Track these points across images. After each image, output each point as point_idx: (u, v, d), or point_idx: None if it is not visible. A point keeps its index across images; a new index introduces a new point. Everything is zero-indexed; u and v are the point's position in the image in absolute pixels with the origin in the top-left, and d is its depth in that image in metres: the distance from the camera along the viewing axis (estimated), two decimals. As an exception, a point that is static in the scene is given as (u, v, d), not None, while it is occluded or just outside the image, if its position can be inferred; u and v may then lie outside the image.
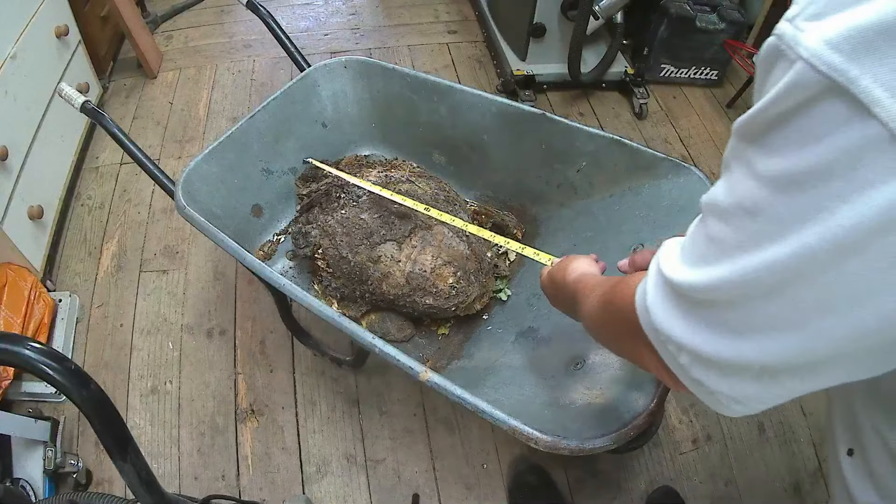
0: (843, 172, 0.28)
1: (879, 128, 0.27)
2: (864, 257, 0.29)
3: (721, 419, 1.32)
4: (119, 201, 1.74)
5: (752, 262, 0.32)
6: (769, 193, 0.32)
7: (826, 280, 0.30)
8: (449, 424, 1.31)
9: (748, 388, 0.37)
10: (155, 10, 2.34)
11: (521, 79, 1.95)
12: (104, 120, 1.12)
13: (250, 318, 1.49)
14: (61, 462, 1.17)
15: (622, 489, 1.23)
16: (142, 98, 2.05)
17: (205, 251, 1.61)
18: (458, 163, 1.36)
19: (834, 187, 0.29)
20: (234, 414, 1.34)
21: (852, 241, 0.29)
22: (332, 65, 1.32)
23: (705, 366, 0.38)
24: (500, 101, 1.20)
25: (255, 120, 1.23)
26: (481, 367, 1.09)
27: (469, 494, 1.23)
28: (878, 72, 0.27)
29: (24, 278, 1.35)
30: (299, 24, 2.38)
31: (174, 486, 1.25)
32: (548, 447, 0.73)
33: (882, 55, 0.27)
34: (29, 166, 1.46)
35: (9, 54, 1.42)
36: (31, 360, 0.51)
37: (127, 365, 1.41)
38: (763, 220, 0.32)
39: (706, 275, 0.35)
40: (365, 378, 1.37)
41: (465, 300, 1.14)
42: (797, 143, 0.30)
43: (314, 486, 1.24)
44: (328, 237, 1.19)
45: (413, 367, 0.82)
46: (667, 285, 0.39)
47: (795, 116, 0.30)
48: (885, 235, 0.28)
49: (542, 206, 1.27)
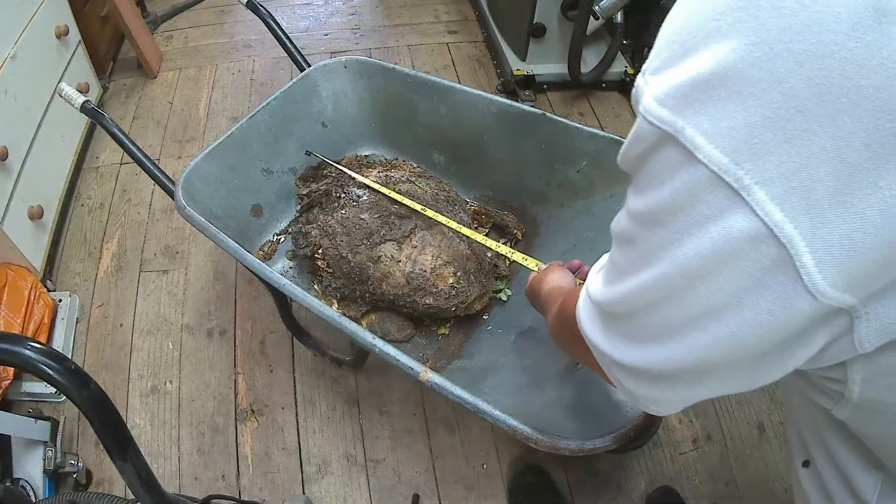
0: (684, 210, 0.32)
1: (704, 170, 0.30)
2: (710, 282, 0.32)
3: (721, 419, 1.32)
4: (119, 201, 1.74)
5: (633, 284, 0.38)
6: (636, 227, 0.37)
7: (685, 300, 0.34)
8: (449, 424, 1.31)
9: (652, 391, 0.42)
10: (155, 10, 2.34)
11: (521, 79, 1.95)
12: (104, 120, 1.12)
13: (250, 318, 1.49)
14: (61, 462, 1.17)
15: (622, 489, 1.23)
16: (142, 98, 2.05)
17: (205, 251, 1.61)
18: (459, 163, 1.36)
19: (679, 223, 0.33)
20: (234, 414, 1.34)
21: (698, 267, 0.33)
22: (332, 65, 1.32)
23: (619, 369, 0.43)
24: (500, 101, 1.20)
25: (255, 120, 1.23)
26: (481, 367, 1.09)
27: (469, 494, 1.23)
28: (697, 121, 0.31)
29: (24, 278, 1.35)
30: (299, 24, 2.38)
31: (174, 486, 1.25)
32: (548, 447, 0.73)
33: (700, 106, 0.30)
34: (29, 166, 1.46)
35: (9, 54, 1.42)
36: (31, 360, 0.51)
37: (127, 365, 1.41)
38: (636, 250, 0.37)
39: (609, 292, 0.41)
40: (365, 378, 1.37)
41: (465, 300, 1.14)
42: (649, 184, 0.35)
43: (314, 486, 1.24)
44: (328, 237, 1.19)
45: (413, 367, 0.82)
46: (588, 298, 0.46)
47: (646, 161, 0.35)
48: (725, 263, 0.31)
49: (542, 206, 1.27)
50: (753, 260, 0.30)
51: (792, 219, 0.29)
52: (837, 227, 0.29)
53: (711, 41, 0.30)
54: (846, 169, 0.28)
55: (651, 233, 0.35)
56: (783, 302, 0.31)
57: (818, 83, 0.28)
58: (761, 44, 0.29)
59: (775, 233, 0.29)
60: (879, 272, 0.30)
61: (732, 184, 0.30)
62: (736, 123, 0.30)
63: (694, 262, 0.33)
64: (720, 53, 0.30)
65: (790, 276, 0.30)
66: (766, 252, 0.30)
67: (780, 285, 0.30)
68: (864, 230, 0.28)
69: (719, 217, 0.31)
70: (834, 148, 0.28)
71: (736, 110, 0.29)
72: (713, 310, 0.33)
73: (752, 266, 0.31)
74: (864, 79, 0.27)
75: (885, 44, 0.27)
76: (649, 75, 0.34)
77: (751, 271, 0.31)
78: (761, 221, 0.29)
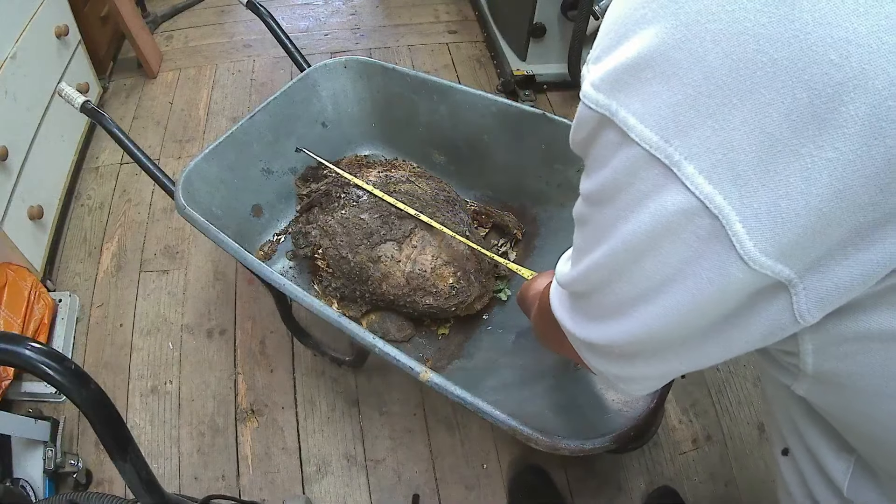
0: (625, 188, 0.34)
1: (638, 149, 0.32)
2: (654, 255, 0.34)
3: (721, 419, 1.32)
4: (119, 201, 1.74)
5: (588, 262, 0.39)
6: (588, 208, 0.39)
7: (633, 275, 0.36)
8: (449, 424, 1.31)
9: (617, 369, 0.44)
10: (155, 10, 2.34)
11: (521, 79, 1.95)
12: (104, 120, 1.12)
13: (250, 318, 1.49)
14: (61, 462, 1.17)
15: (622, 489, 1.23)
16: (142, 98, 2.05)
17: (205, 251, 1.61)
18: (458, 163, 1.36)
19: (622, 201, 0.34)
20: (234, 414, 1.34)
21: (641, 242, 0.34)
22: (332, 65, 1.32)
23: (587, 349, 0.45)
24: (500, 101, 1.20)
25: (255, 120, 1.23)
26: (481, 367, 1.09)
27: (469, 494, 1.23)
28: (628, 103, 0.32)
29: (24, 278, 1.35)
30: (299, 24, 2.38)
31: (174, 486, 1.25)
32: (548, 447, 0.73)
33: (630, 89, 0.32)
34: (29, 166, 1.46)
35: (9, 54, 1.42)
36: (31, 360, 0.51)
37: (127, 365, 1.41)
38: (589, 230, 0.39)
39: (571, 272, 0.43)
40: (365, 378, 1.37)
41: (465, 300, 1.14)
42: (595, 166, 0.36)
43: (314, 486, 1.24)
44: (328, 237, 1.19)
45: (413, 367, 0.82)
46: (556, 282, 0.48)
47: (591, 145, 0.36)
48: (664, 236, 0.33)
49: (542, 206, 1.27)
50: (690, 232, 0.32)
51: (721, 190, 0.30)
52: (764, 196, 0.30)
53: (639, 28, 0.32)
54: (767, 139, 0.29)
55: (600, 212, 0.37)
56: (720, 270, 0.32)
57: (735, 59, 0.29)
58: (680, 26, 0.30)
59: (706, 204, 0.30)
60: (810, 241, 0.30)
61: (664, 160, 0.31)
62: (662, 103, 0.31)
63: (637, 237, 0.34)
64: (646, 38, 0.31)
65: (724, 246, 0.31)
66: (701, 224, 0.31)
67: (716, 255, 0.31)
68: (788, 197, 0.29)
69: (656, 193, 0.32)
70: (754, 120, 0.29)
71: (662, 90, 0.31)
72: (659, 283, 0.35)
73: (689, 238, 0.32)
74: (777, 52, 0.28)
75: (797, 16, 0.27)
76: (591, 65, 0.35)
77: (689, 243, 0.32)
78: (693, 195, 0.31)
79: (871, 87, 0.27)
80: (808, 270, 0.32)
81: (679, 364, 0.41)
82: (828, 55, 0.27)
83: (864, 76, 0.27)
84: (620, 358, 0.43)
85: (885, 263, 0.31)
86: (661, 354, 0.40)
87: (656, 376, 0.44)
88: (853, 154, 0.28)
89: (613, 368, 0.45)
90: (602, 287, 0.39)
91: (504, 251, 1.31)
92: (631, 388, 0.47)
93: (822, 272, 0.32)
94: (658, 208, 0.32)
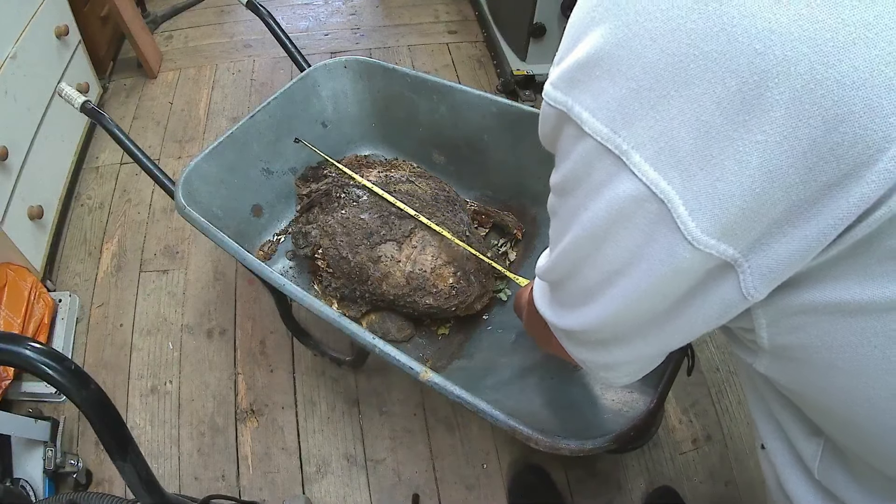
0: (584, 179, 0.36)
1: (591, 141, 0.34)
2: (611, 242, 0.36)
3: (721, 419, 1.32)
4: (119, 201, 1.74)
5: (558, 252, 0.42)
6: (556, 199, 0.41)
7: (596, 261, 0.38)
8: (449, 424, 1.31)
9: (596, 356, 0.47)
10: (155, 10, 2.33)
11: (521, 79, 1.95)
12: (104, 120, 1.12)
13: (250, 318, 1.49)
14: (61, 462, 1.17)
15: (622, 489, 1.23)
16: (142, 98, 2.05)
17: (205, 251, 1.61)
18: (458, 163, 1.36)
19: (582, 190, 0.37)
20: (234, 414, 1.34)
21: (600, 229, 0.37)
22: (332, 65, 1.32)
23: (567, 338, 0.48)
24: (501, 102, 1.20)
25: (255, 120, 1.23)
26: (481, 367, 1.09)
27: (469, 494, 1.23)
28: (581, 98, 0.35)
29: (24, 278, 1.35)
30: (299, 24, 2.38)
31: (174, 486, 1.25)
32: (548, 447, 0.73)
33: (583, 85, 0.35)
34: (29, 166, 1.46)
35: (9, 54, 1.42)
36: (31, 360, 0.51)
37: (127, 365, 1.41)
38: (558, 220, 0.42)
39: (546, 262, 0.46)
40: (365, 378, 1.37)
41: (465, 300, 1.14)
42: (560, 159, 0.39)
43: (314, 486, 1.24)
44: (328, 237, 1.19)
45: (413, 367, 0.82)
46: (536, 274, 0.50)
47: (555, 140, 0.39)
48: (619, 223, 0.35)
49: (542, 206, 1.27)
50: (641, 217, 0.34)
51: (665, 175, 0.32)
52: (702, 179, 0.32)
53: (589, 29, 0.34)
54: (702, 127, 0.31)
55: (565, 203, 0.40)
56: (669, 252, 0.34)
57: (670, 54, 0.31)
58: (622, 26, 0.32)
59: (653, 190, 0.33)
60: (749, 220, 0.32)
61: (614, 150, 0.33)
62: (610, 97, 0.33)
63: (596, 224, 0.37)
64: (595, 39, 0.34)
65: (671, 228, 0.33)
66: (649, 209, 0.33)
67: (665, 237, 0.34)
68: (724, 179, 0.31)
69: (609, 182, 0.35)
70: (690, 109, 0.31)
71: (609, 86, 0.33)
72: (619, 267, 0.37)
73: (640, 223, 0.34)
74: (707, 45, 0.30)
75: (724, 11, 0.29)
76: (553, 67, 0.38)
77: (641, 227, 0.34)
78: (641, 181, 0.33)
79: (794, 72, 0.29)
80: (751, 249, 0.33)
81: (648, 347, 0.43)
82: (752, 45, 0.29)
83: (786, 63, 0.29)
84: (598, 345, 0.45)
85: (821, 238, 0.32)
86: (630, 338, 0.42)
87: (633, 361, 0.46)
88: (780, 136, 0.30)
89: (592, 356, 0.47)
90: (571, 274, 0.42)
91: (504, 251, 1.31)
92: (612, 376, 0.49)
93: (763, 250, 0.33)
94: (612, 196, 0.35)
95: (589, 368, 0.50)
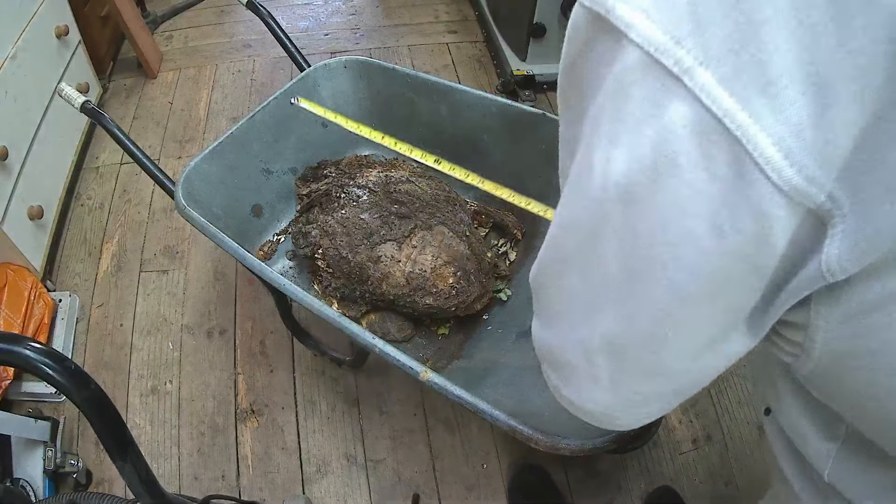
0: (620, 112, 0.27)
1: (637, 54, 0.25)
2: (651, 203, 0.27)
3: (721, 419, 1.32)
4: (119, 201, 1.74)
5: (561, 225, 0.36)
6: (566, 156, 0.33)
7: (635, 234, 0.29)
8: (449, 424, 1.31)
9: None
10: (155, 10, 2.33)
11: (521, 79, 1.95)
12: (104, 120, 1.12)
13: (250, 318, 1.49)
14: (61, 462, 1.17)
15: (622, 489, 1.23)
16: (142, 98, 2.05)
17: (205, 251, 1.61)
18: (459, 163, 1.36)
19: (615, 129, 0.28)
20: (234, 414, 1.34)
21: (639, 186, 0.27)
22: (332, 65, 1.32)
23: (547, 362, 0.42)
24: (501, 101, 1.20)
25: (255, 120, 1.23)
26: (481, 367, 1.09)
27: (469, 494, 1.23)
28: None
29: (24, 278, 1.35)
30: (299, 24, 2.38)
31: (174, 486, 1.25)
32: (548, 447, 0.73)
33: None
34: (29, 166, 1.46)
35: (9, 54, 1.42)
36: (31, 360, 0.51)
37: (127, 365, 1.41)
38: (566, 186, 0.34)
39: (542, 252, 0.41)
40: (365, 378, 1.37)
41: (465, 300, 1.14)
42: (584, 97, 0.30)
43: (314, 486, 1.24)
44: (328, 237, 1.19)
45: (413, 367, 0.82)
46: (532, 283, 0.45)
47: (583, 65, 0.30)
48: (667, 170, 0.26)
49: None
50: (702, 157, 0.25)
51: (744, 102, 0.24)
52: (804, 105, 0.23)
53: None
54: (807, 33, 0.23)
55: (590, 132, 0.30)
56: (745, 203, 0.25)
57: None
58: None
59: (726, 123, 0.24)
60: (862, 164, 0.24)
61: (672, 67, 0.25)
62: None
63: (634, 178, 0.27)
64: None
65: (751, 176, 0.25)
66: (716, 146, 0.25)
67: (740, 190, 0.25)
68: (838, 104, 0.23)
69: (658, 113, 0.26)
70: (791, 7, 0.23)
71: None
72: (671, 238, 0.28)
73: (706, 165, 0.25)
74: None
75: None
76: None
77: (711, 171, 0.25)
78: (707, 110, 0.24)
79: None
80: (854, 201, 0.25)
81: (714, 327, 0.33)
82: None
83: None
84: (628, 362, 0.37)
85: None
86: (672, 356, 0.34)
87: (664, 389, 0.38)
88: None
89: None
90: (585, 261, 0.33)
91: (504, 251, 1.31)
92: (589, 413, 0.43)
93: (866, 210, 0.25)
94: (660, 132, 0.26)
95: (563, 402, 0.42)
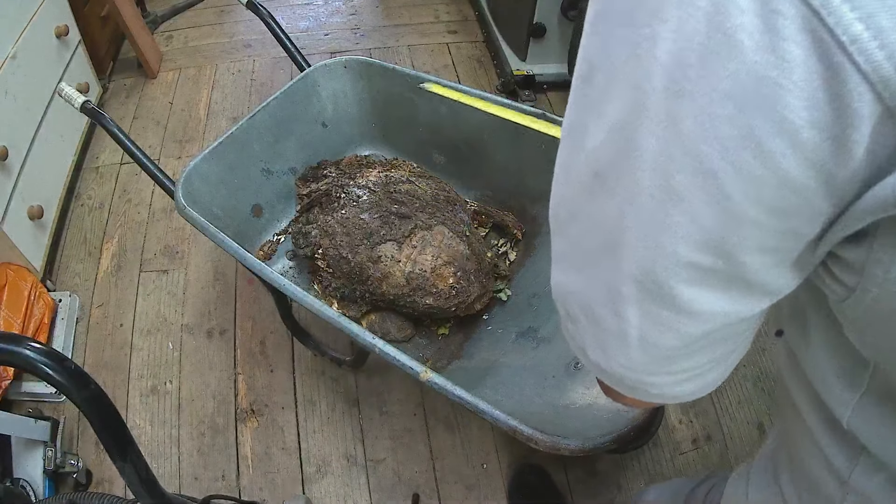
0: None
1: None
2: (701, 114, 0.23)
3: (721, 419, 1.32)
4: (119, 201, 1.74)
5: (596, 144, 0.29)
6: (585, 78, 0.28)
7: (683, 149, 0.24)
8: (449, 424, 1.31)
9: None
10: (155, 10, 2.33)
11: (521, 79, 1.95)
12: (104, 120, 1.12)
13: (250, 318, 1.49)
14: (61, 462, 1.17)
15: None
16: (142, 98, 2.05)
17: (205, 251, 1.61)
18: (458, 163, 1.36)
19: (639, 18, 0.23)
20: (234, 414, 1.34)
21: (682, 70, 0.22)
22: (332, 65, 1.32)
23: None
24: (501, 101, 1.20)
25: (255, 120, 1.23)
26: (481, 367, 1.09)
27: (469, 494, 1.23)
28: None
29: (24, 278, 1.35)
30: (299, 24, 2.38)
31: (174, 486, 1.25)
32: (548, 447, 0.73)
33: None
34: (29, 166, 1.46)
35: (9, 54, 1.42)
36: (31, 360, 0.51)
37: (127, 365, 1.41)
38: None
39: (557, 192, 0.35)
40: (365, 378, 1.37)
41: (465, 300, 1.14)
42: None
43: (314, 486, 1.24)
44: (328, 237, 1.19)
45: (413, 367, 0.82)
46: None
47: None
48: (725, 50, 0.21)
49: (542, 206, 1.27)
50: (767, 37, 0.20)
51: None
52: None
53: None
54: None
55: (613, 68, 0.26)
56: (836, 102, 0.20)
57: None
58: None
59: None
60: None
61: None
62: None
63: (683, 59, 0.22)
64: None
65: (831, 59, 0.19)
66: (791, 21, 0.20)
67: (817, 76, 0.20)
68: None
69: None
70: None
71: None
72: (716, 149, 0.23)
73: (766, 54, 0.20)
74: None
75: None
76: None
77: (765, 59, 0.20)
78: None
79: None
80: None
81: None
82: None
83: None
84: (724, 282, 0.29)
85: None
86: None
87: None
88: None
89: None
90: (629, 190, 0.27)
91: (504, 251, 1.31)
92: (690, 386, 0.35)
93: None
94: (716, 1, 0.21)
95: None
